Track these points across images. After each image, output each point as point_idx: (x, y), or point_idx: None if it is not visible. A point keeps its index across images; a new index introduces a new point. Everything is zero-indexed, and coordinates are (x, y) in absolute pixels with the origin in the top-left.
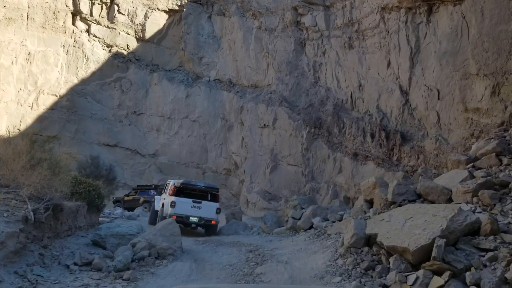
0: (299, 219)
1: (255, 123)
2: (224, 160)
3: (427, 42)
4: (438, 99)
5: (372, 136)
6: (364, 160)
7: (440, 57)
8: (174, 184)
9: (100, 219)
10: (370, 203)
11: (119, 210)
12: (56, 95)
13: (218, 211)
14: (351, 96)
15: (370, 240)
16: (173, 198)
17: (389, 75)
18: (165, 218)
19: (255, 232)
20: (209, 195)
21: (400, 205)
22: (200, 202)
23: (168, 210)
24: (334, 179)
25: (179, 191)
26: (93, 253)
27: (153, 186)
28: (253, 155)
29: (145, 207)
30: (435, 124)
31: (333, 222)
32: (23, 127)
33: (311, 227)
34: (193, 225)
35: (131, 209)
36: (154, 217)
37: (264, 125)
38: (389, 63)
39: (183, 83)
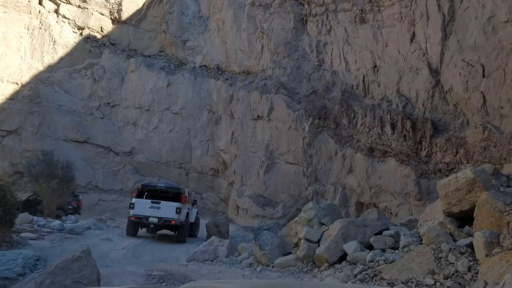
0: (318, 242)
1: (247, 114)
2: (210, 158)
3: (464, 6)
4: (483, 76)
5: (393, 127)
6: (382, 156)
7: (484, 23)
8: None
9: (24, 234)
10: (459, 219)
11: (57, 222)
12: (17, 84)
13: (178, 210)
14: (363, 80)
15: None
16: (132, 200)
17: (414, 52)
18: (134, 222)
19: (244, 260)
20: (170, 195)
21: None
22: (159, 203)
23: (130, 212)
24: (343, 181)
25: (140, 193)
26: None
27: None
28: (244, 153)
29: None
30: (479, 108)
31: (383, 250)
32: None
33: (342, 258)
34: (152, 225)
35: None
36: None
37: (258, 116)
38: (413, 37)
39: (164, 70)
